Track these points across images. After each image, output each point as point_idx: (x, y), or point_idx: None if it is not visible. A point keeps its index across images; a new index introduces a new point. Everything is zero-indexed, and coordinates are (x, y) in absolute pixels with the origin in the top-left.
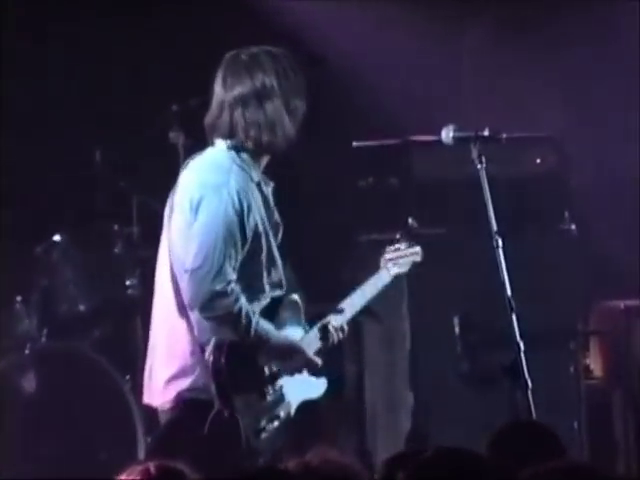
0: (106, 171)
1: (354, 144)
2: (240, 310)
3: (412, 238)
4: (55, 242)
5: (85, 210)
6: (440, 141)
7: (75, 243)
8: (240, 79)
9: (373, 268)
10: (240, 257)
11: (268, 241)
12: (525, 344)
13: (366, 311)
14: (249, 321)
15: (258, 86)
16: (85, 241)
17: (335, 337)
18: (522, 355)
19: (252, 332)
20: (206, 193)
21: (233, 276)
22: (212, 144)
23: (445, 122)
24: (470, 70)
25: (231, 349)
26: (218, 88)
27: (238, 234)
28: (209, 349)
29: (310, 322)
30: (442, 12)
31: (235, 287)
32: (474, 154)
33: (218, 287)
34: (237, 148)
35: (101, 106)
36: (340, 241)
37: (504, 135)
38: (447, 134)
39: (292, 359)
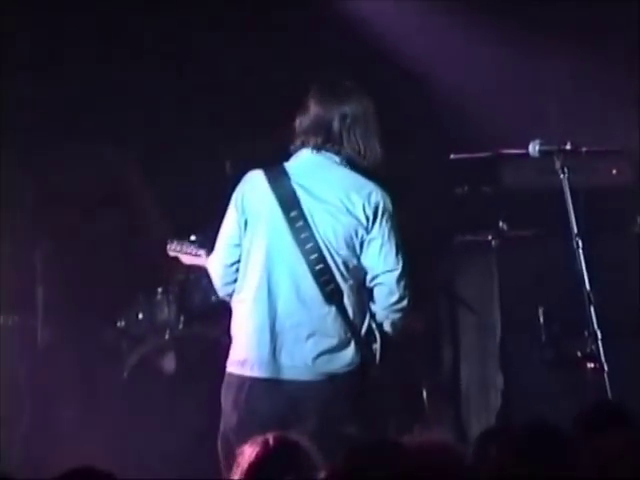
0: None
1: (452, 156)
2: None
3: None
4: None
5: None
6: (527, 154)
7: (211, 241)
8: (349, 99)
9: (467, 266)
10: None
11: None
12: (602, 333)
13: (461, 301)
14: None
15: (363, 108)
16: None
17: None
18: (599, 342)
19: None
20: (381, 200)
21: None
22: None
23: (531, 137)
24: (555, 87)
25: None
26: (326, 104)
27: None
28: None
29: None
30: (530, 29)
31: None
32: (557, 165)
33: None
34: (349, 162)
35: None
36: (438, 243)
37: (584, 149)
38: (534, 148)
39: None
